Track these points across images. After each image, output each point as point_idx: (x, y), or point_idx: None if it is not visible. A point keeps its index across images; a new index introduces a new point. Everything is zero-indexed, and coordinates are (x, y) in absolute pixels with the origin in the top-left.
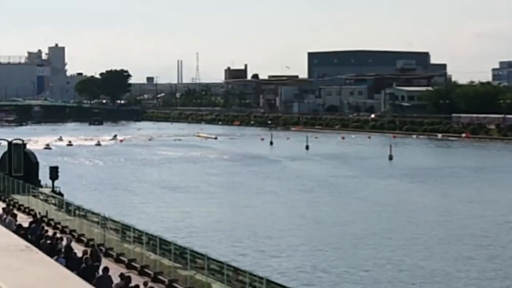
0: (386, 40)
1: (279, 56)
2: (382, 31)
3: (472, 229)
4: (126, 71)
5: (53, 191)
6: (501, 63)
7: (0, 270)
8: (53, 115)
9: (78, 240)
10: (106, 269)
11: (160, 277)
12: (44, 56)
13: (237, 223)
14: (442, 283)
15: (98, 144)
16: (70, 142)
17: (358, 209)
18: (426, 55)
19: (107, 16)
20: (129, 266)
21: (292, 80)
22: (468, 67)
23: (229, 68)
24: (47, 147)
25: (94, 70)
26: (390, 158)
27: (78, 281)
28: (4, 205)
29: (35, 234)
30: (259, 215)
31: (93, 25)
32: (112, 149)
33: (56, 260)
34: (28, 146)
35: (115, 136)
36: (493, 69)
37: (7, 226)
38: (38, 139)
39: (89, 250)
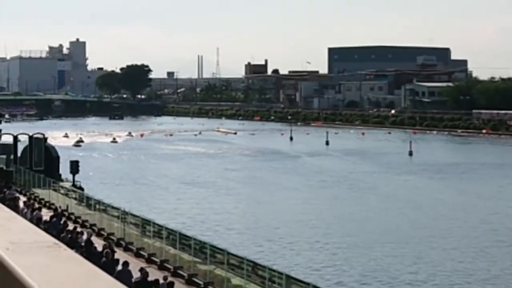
0: (407, 35)
1: (300, 51)
2: (403, 27)
3: (491, 225)
4: (147, 66)
5: (73, 185)
6: None
7: (28, 267)
8: (74, 109)
9: (98, 235)
10: (126, 264)
11: (180, 271)
12: (65, 51)
13: (256, 219)
14: (462, 279)
15: (114, 141)
16: (80, 140)
17: (377, 205)
18: (446, 50)
19: (128, 11)
20: (149, 260)
21: (312, 75)
22: (489, 63)
23: (249, 63)
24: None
25: (114, 64)
26: (410, 154)
27: (108, 279)
28: (25, 199)
29: (55, 229)
30: (278, 211)
31: (114, 20)
32: (133, 144)
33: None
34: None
35: (130, 133)
36: None
37: (32, 220)
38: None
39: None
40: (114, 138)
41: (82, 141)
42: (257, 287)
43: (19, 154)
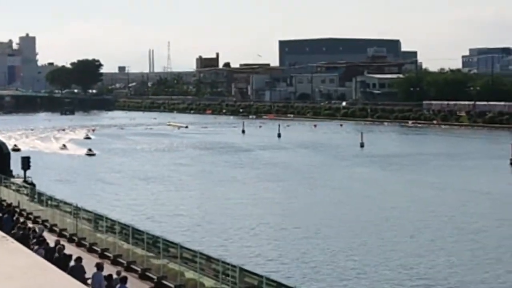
0: (357, 28)
1: (251, 44)
2: (353, 19)
3: (439, 214)
4: (98, 61)
5: (25, 181)
6: (471, 50)
7: None
8: (25, 105)
9: (51, 230)
10: (79, 259)
11: (133, 266)
12: (15, 46)
13: (209, 213)
14: (411, 269)
15: (64, 148)
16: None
17: (329, 198)
18: (396, 42)
19: (78, 6)
20: (102, 255)
21: (264, 68)
22: (439, 54)
23: (200, 57)
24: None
25: (65, 59)
26: (362, 145)
27: (55, 270)
28: None
29: (6, 225)
30: (231, 205)
31: (64, 15)
32: (84, 140)
33: (36, 250)
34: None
35: (88, 135)
36: (463, 56)
37: None
38: None
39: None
40: (64, 145)
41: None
42: (211, 281)
43: None
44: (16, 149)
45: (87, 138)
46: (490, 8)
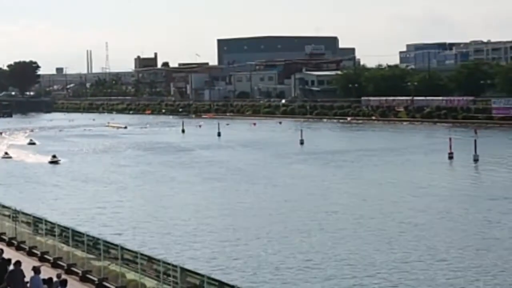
0: (295, 25)
1: (189, 43)
2: (291, 17)
3: (379, 209)
4: (35, 62)
5: None
6: (408, 46)
7: None
8: None
9: None
10: (18, 263)
11: (74, 268)
12: None
13: (149, 213)
14: (354, 266)
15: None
16: None
17: (270, 196)
18: (334, 39)
19: (12, 8)
20: (42, 259)
21: (202, 67)
22: (376, 50)
23: (139, 57)
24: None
25: (1, 62)
26: (302, 142)
27: None
28: None
29: None
30: (171, 205)
31: None
32: (20, 142)
33: None
34: None
35: (32, 140)
36: (401, 52)
37: None
38: None
39: None
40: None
41: None
42: (153, 281)
43: None
44: None
45: (32, 143)
46: (418, 4)
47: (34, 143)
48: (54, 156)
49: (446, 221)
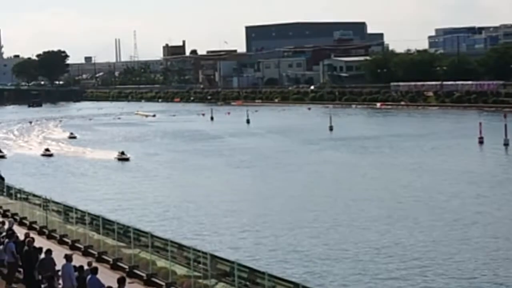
0: (323, 11)
1: (217, 31)
2: (319, 3)
3: (413, 195)
4: (64, 52)
5: None
6: (437, 30)
7: None
8: None
9: (21, 224)
10: (49, 251)
11: (104, 256)
12: None
13: (181, 201)
14: (390, 253)
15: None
16: None
17: (301, 183)
18: (362, 25)
19: None
20: (72, 247)
21: (231, 54)
22: (405, 35)
23: (167, 45)
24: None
25: (31, 51)
26: (331, 129)
27: None
28: None
29: None
30: (202, 192)
31: (28, 6)
32: (58, 136)
33: (7, 244)
34: None
35: (73, 134)
36: (429, 37)
37: None
38: None
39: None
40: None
41: None
42: (183, 268)
43: None
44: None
45: (72, 137)
46: None
47: (75, 137)
48: (122, 153)
49: (478, 205)
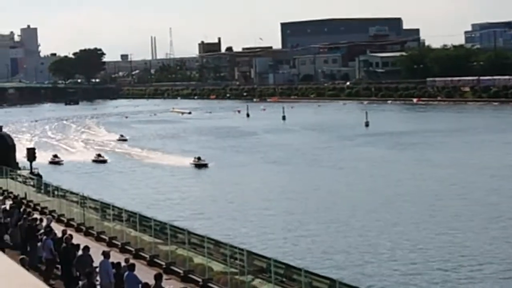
0: (358, 7)
1: (253, 28)
2: None
3: (453, 191)
4: (100, 50)
5: (31, 172)
6: (473, 25)
7: None
8: (28, 97)
9: (58, 221)
10: (86, 248)
11: (141, 253)
12: (16, 38)
13: (217, 198)
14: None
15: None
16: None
17: (340, 179)
18: (398, 20)
19: None
20: (110, 244)
21: (266, 51)
22: (441, 31)
23: (202, 42)
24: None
25: (67, 50)
26: (367, 125)
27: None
28: None
29: (13, 217)
30: (239, 189)
31: (64, 5)
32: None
33: (45, 241)
34: None
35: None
36: (466, 32)
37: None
38: None
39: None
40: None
41: None
42: (220, 265)
43: None
44: (57, 161)
45: (123, 139)
46: None
47: (126, 139)
48: (199, 158)
49: None
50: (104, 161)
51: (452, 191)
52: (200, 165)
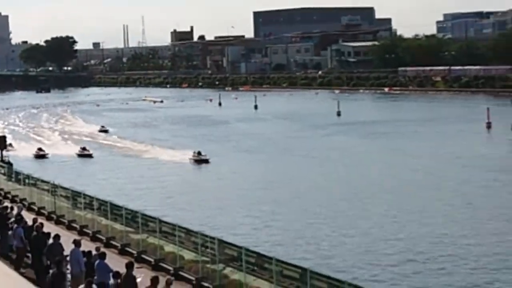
0: None
1: (225, 16)
2: None
3: (421, 180)
4: (72, 37)
5: (1, 160)
6: (445, 15)
7: None
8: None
9: (29, 209)
10: (57, 237)
11: (113, 242)
12: None
13: (188, 187)
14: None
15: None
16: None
17: (310, 168)
18: (371, 10)
19: None
20: (81, 232)
21: (239, 40)
22: (413, 21)
23: (175, 30)
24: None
25: (39, 37)
26: (339, 114)
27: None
28: None
29: None
30: (209, 178)
31: None
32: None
33: (16, 229)
34: None
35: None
36: (438, 22)
37: None
38: None
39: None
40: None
41: None
42: (191, 253)
43: None
44: (42, 155)
45: (104, 130)
46: None
47: (106, 130)
48: (199, 153)
49: (487, 190)
50: (90, 155)
51: (424, 180)
52: (200, 160)
